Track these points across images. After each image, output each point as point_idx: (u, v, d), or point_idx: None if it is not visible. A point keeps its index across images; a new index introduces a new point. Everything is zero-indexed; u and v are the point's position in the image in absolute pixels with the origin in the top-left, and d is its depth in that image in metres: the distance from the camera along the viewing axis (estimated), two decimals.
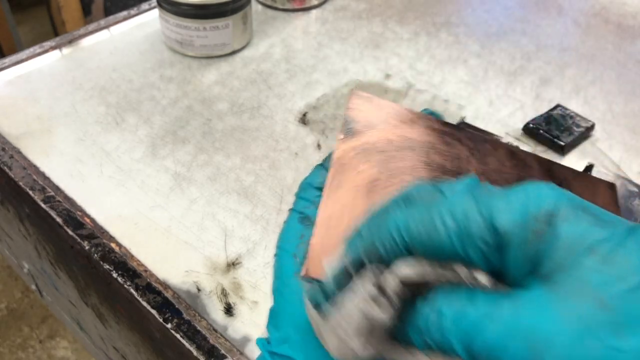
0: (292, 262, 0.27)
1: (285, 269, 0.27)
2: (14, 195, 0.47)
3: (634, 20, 0.73)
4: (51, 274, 0.53)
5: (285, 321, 0.25)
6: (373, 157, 0.31)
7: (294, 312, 0.25)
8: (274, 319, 0.26)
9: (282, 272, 0.28)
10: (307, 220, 0.29)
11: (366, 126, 0.32)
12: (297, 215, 0.30)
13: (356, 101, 0.33)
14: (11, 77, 0.55)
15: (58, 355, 1.20)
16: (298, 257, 0.27)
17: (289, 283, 0.27)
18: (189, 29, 0.57)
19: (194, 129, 0.51)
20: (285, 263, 0.28)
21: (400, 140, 0.32)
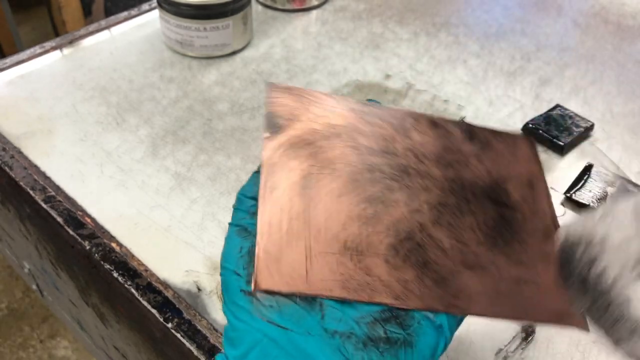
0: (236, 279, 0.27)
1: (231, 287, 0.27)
2: (14, 195, 0.47)
3: (634, 21, 0.73)
4: (52, 273, 0.53)
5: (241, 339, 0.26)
6: (301, 151, 0.30)
7: (249, 328, 0.25)
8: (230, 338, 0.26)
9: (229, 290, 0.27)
10: (245, 231, 0.28)
11: (290, 119, 0.31)
12: (234, 229, 0.29)
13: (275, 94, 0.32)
14: (12, 77, 0.56)
15: (59, 355, 1.20)
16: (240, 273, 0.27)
17: (237, 301, 0.27)
18: (189, 30, 0.57)
19: (194, 129, 0.51)
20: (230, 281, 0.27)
21: (325, 127, 0.32)
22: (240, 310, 0.26)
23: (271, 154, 0.29)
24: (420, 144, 0.33)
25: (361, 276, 0.26)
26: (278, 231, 0.26)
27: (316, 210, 0.28)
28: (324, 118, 0.32)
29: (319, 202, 0.28)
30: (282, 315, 0.25)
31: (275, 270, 0.26)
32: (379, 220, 0.28)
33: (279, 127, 0.31)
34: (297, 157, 0.30)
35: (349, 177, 0.30)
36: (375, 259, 0.27)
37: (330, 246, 0.27)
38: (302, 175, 0.29)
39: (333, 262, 0.26)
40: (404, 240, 0.28)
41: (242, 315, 0.26)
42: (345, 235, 0.27)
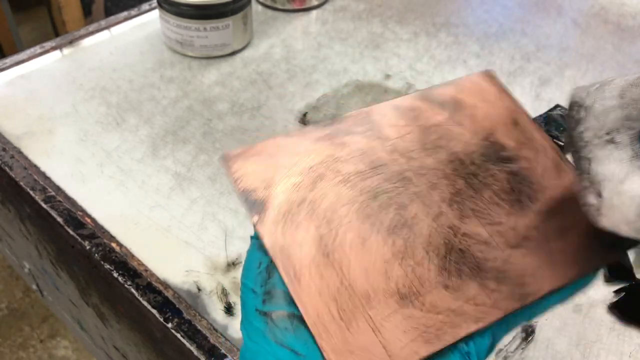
0: (252, 297, 0.26)
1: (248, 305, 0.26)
2: (14, 195, 0.47)
3: (634, 21, 0.73)
4: (52, 273, 0.53)
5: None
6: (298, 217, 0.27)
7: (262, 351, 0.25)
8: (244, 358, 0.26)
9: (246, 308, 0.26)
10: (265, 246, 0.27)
11: (266, 187, 0.28)
12: (255, 242, 0.27)
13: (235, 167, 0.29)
14: (12, 77, 0.56)
15: (59, 355, 1.20)
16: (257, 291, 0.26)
17: (253, 321, 0.25)
18: (189, 30, 0.57)
19: (194, 129, 0.51)
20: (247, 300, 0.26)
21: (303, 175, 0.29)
22: (254, 331, 0.25)
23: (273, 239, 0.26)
24: (399, 139, 0.31)
25: (433, 319, 0.24)
26: (331, 320, 0.24)
27: (352, 273, 0.25)
28: (296, 165, 0.29)
29: (349, 263, 0.26)
30: (297, 339, 0.24)
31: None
32: (413, 248, 0.26)
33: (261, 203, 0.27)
34: (298, 227, 0.27)
35: (360, 217, 0.27)
36: (434, 291, 0.25)
37: (388, 305, 0.24)
38: (316, 244, 0.26)
39: (401, 321, 0.24)
40: (446, 254, 0.26)
41: (255, 337, 0.25)
42: (393, 284, 0.25)
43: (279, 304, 0.25)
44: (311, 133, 0.31)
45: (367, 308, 0.24)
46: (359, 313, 0.24)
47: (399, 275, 0.25)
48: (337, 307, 0.24)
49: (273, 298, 0.26)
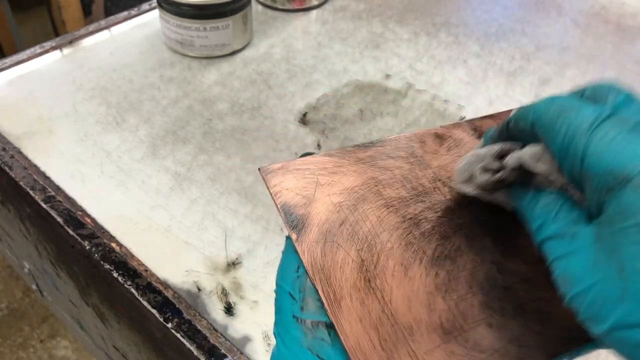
0: (290, 302, 0.25)
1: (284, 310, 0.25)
2: (14, 195, 0.47)
3: (634, 21, 0.73)
4: (52, 273, 0.53)
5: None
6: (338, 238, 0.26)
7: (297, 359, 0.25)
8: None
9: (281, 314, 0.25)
10: None
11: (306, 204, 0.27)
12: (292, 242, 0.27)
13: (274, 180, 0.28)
14: (12, 77, 0.56)
15: (59, 355, 1.20)
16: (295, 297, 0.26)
17: (288, 327, 0.25)
18: (189, 30, 0.57)
19: (194, 129, 0.51)
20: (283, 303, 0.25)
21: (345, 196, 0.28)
22: (290, 338, 0.24)
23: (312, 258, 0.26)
24: (440, 168, 0.30)
25: (476, 358, 0.24)
26: (372, 350, 0.23)
27: (394, 302, 0.25)
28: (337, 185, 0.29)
29: (391, 292, 0.25)
30: (335, 351, 0.24)
31: None
32: (457, 281, 0.26)
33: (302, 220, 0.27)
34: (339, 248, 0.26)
35: (402, 245, 0.27)
36: (478, 328, 0.24)
37: (432, 340, 0.24)
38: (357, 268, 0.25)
39: (444, 357, 0.23)
40: (490, 291, 0.26)
41: (291, 344, 0.24)
42: (437, 317, 0.24)
43: (317, 312, 0.25)
44: (352, 154, 0.30)
45: (410, 340, 0.24)
46: (401, 345, 0.24)
47: (442, 309, 0.25)
48: (379, 336, 0.24)
49: (310, 305, 0.25)
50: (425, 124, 0.53)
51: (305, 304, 0.25)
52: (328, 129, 0.52)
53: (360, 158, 0.30)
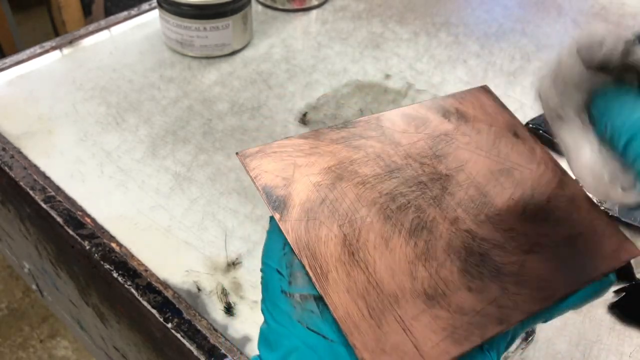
0: (278, 279, 0.26)
1: (272, 286, 0.26)
2: (14, 195, 0.47)
3: (634, 21, 0.73)
4: (52, 273, 0.53)
5: (280, 343, 0.25)
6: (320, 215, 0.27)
7: (287, 333, 0.25)
8: (266, 340, 0.25)
9: (269, 290, 0.26)
10: None
11: (286, 185, 0.28)
12: (277, 224, 0.27)
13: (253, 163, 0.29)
14: (12, 77, 0.56)
15: (58, 355, 1.20)
16: (282, 273, 0.26)
17: (277, 302, 0.25)
18: (189, 29, 0.57)
19: (194, 129, 0.51)
20: (270, 280, 0.26)
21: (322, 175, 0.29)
22: (279, 313, 0.25)
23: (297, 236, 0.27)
24: (410, 145, 0.32)
25: (460, 320, 0.25)
26: (361, 318, 0.24)
27: (378, 273, 0.26)
28: (314, 165, 0.30)
29: (374, 263, 0.26)
30: (324, 322, 0.24)
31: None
32: (435, 250, 0.27)
33: (283, 200, 0.28)
34: (322, 225, 0.27)
35: (381, 219, 0.28)
36: (459, 292, 0.26)
37: (416, 305, 0.25)
38: (341, 243, 0.27)
39: (429, 321, 0.25)
40: (467, 257, 0.27)
41: (281, 319, 0.25)
42: (419, 285, 0.26)
43: (305, 286, 0.25)
44: (326, 135, 0.32)
45: (396, 307, 0.25)
46: (388, 312, 0.25)
47: (424, 276, 0.26)
48: (367, 305, 0.25)
49: (298, 280, 0.26)
50: None
51: (294, 279, 0.26)
52: None
53: (334, 139, 0.31)
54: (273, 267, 0.26)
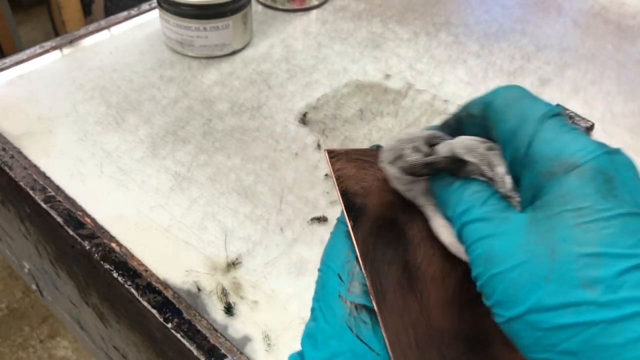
0: (337, 283, 0.26)
1: (330, 289, 0.26)
2: (14, 195, 0.47)
3: (634, 21, 0.73)
4: (52, 273, 0.53)
5: (326, 343, 0.25)
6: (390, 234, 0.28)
7: (336, 335, 0.25)
8: (312, 337, 0.25)
9: (326, 291, 0.26)
10: None
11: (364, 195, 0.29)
12: (344, 229, 0.28)
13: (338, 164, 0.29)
14: (12, 77, 0.56)
15: (58, 355, 1.20)
16: (343, 279, 0.27)
17: (332, 305, 0.26)
18: (189, 29, 0.57)
19: (194, 129, 0.51)
20: (329, 282, 0.27)
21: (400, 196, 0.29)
22: (332, 315, 0.26)
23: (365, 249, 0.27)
24: None
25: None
26: (408, 346, 0.25)
27: (430, 306, 0.26)
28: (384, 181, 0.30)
29: (429, 296, 0.26)
30: (374, 335, 0.25)
31: None
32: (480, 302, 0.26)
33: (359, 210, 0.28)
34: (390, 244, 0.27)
35: (443, 255, 0.28)
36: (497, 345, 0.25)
37: (458, 347, 0.25)
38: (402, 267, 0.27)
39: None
40: None
41: (332, 321, 0.25)
42: (464, 328, 0.26)
43: (361, 296, 0.26)
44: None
45: (441, 344, 0.25)
46: (434, 347, 0.25)
47: (469, 321, 0.26)
48: (415, 335, 0.25)
49: (356, 289, 0.26)
50: (426, 124, 0.53)
51: (352, 287, 0.26)
52: (328, 129, 0.52)
53: None
54: (335, 271, 0.27)
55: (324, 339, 0.25)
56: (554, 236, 0.20)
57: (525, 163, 0.22)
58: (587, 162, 0.21)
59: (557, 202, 0.20)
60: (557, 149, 0.21)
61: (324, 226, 0.43)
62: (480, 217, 0.23)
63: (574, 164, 0.21)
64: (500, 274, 0.21)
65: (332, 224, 0.43)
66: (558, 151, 0.21)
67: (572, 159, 0.21)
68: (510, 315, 0.20)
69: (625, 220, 0.20)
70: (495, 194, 0.24)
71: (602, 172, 0.21)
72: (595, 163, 0.21)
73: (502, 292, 0.21)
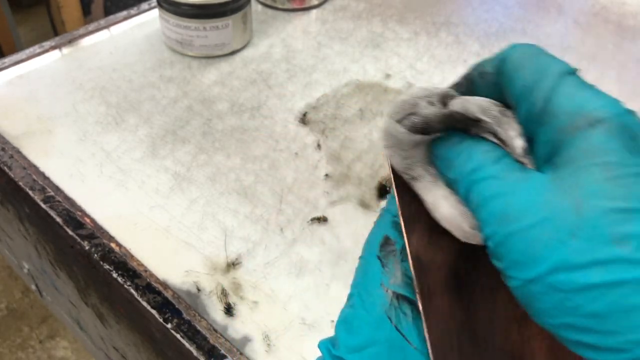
0: (380, 271, 0.26)
1: (371, 275, 0.26)
2: (14, 195, 0.47)
3: (634, 20, 0.73)
4: (51, 274, 0.53)
5: (363, 330, 0.24)
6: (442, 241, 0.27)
7: (374, 323, 0.24)
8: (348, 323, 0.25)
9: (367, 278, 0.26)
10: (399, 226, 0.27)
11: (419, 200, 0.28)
12: (390, 218, 0.27)
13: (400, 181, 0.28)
14: (11, 77, 0.55)
15: (58, 356, 1.20)
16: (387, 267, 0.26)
17: (373, 292, 0.25)
18: (189, 29, 0.57)
19: (194, 129, 0.51)
20: (371, 270, 0.26)
21: None
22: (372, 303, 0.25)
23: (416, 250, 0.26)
24: None
25: None
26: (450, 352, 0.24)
27: (477, 317, 0.25)
28: None
29: (477, 307, 0.26)
30: (413, 328, 0.24)
31: None
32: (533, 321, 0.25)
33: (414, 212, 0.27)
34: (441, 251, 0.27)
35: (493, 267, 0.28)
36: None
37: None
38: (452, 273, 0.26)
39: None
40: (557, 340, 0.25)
41: (371, 308, 0.25)
42: (509, 345, 0.25)
43: (406, 290, 0.25)
44: None
45: (484, 355, 0.24)
46: (477, 357, 0.24)
47: (515, 340, 0.25)
48: (458, 341, 0.24)
49: (401, 282, 0.26)
50: None
51: (395, 278, 0.26)
52: (328, 129, 0.52)
53: None
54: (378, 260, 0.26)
55: (360, 325, 0.25)
56: (580, 191, 0.18)
57: (543, 118, 0.21)
58: (612, 117, 0.20)
59: (582, 156, 0.19)
60: (579, 103, 0.20)
61: (324, 226, 0.43)
62: (493, 175, 0.21)
63: (598, 118, 0.20)
64: (519, 232, 0.19)
65: (332, 224, 0.43)
66: (581, 105, 0.20)
67: (596, 113, 0.20)
68: (528, 276, 0.19)
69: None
70: (508, 155, 0.22)
71: (627, 128, 0.20)
72: (621, 119, 0.20)
73: (520, 251, 0.19)
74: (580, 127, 0.20)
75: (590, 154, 0.19)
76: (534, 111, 0.21)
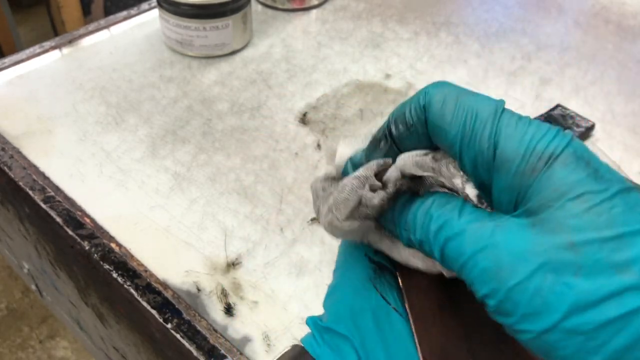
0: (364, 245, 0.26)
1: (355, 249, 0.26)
2: (14, 195, 0.47)
3: (634, 20, 0.73)
4: (51, 274, 0.53)
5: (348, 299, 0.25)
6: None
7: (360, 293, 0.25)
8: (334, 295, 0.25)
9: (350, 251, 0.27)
10: None
11: None
12: None
13: None
14: (11, 77, 0.55)
15: (58, 356, 1.20)
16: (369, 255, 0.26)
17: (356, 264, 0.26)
18: (189, 29, 0.57)
19: (194, 129, 0.51)
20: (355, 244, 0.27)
21: None
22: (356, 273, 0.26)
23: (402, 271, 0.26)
24: None
25: None
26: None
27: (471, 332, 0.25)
28: None
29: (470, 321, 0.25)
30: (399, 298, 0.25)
31: None
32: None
33: None
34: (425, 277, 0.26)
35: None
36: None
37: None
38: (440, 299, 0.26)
39: None
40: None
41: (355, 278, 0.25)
42: None
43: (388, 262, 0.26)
44: None
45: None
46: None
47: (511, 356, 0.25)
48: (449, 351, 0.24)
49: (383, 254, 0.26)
50: None
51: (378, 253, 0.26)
52: (328, 129, 0.52)
53: None
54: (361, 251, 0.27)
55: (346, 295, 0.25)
56: (565, 229, 0.18)
57: (495, 166, 0.21)
58: (563, 149, 0.20)
59: (554, 195, 0.19)
60: (527, 143, 0.20)
61: None
62: (463, 229, 0.21)
63: (551, 154, 0.20)
64: (520, 284, 0.18)
65: None
66: (529, 144, 0.20)
67: (548, 150, 0.20)
68: (543, 326, 0.18)
69: (623, 196, 0.19)
70: (467, 203, 0.22)
71: (580, 156, 0.20)
72: (571, 149, 0.20)
73: (527, 303, 0.18)
74: (538, 169, 0.20)
75: (560, 192, 0.19)
76: (483, 160, 0.21)
